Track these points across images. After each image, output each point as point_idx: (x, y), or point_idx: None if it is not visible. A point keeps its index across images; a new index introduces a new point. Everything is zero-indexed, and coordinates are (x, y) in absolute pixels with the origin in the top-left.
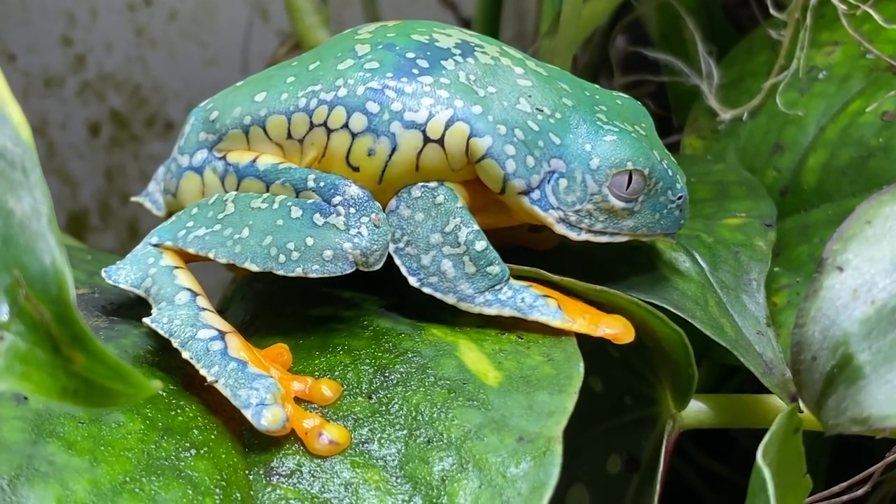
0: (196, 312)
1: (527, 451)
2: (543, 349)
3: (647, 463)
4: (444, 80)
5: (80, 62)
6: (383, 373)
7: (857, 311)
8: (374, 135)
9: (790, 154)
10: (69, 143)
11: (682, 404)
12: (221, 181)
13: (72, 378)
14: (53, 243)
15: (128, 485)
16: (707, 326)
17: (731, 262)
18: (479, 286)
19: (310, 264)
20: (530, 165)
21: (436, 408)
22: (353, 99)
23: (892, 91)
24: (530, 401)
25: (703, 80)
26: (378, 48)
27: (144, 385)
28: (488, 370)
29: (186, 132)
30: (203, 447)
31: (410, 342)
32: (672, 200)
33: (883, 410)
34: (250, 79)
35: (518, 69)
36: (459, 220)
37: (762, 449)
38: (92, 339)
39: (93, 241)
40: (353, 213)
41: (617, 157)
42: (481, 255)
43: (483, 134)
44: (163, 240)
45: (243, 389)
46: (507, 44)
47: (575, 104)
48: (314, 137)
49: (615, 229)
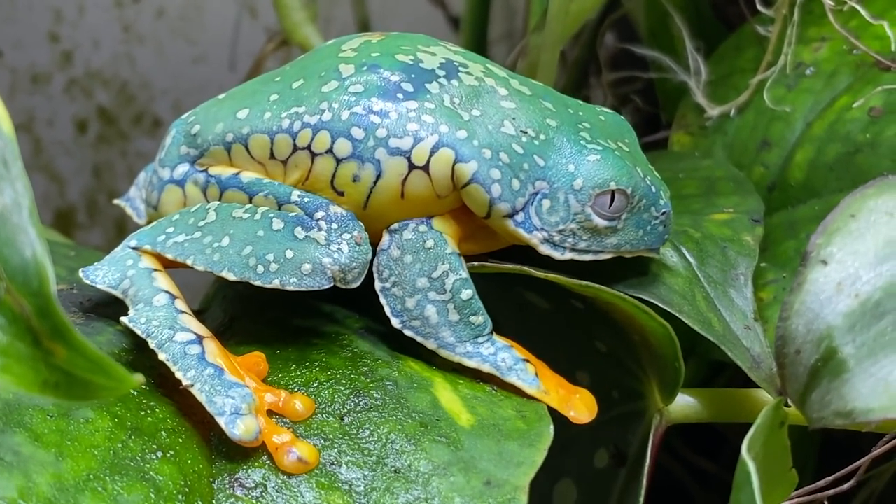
0: (174, 314)
1: (493, 495)
2: (516, 404)
3: (634, 457)
4: (428, 104)
5: (67, 59)
6: (358, 396)
7: (841, 305)
8: (359, 161)
9: (777, 150)
10: (56, 140)
11: (670, 398)
12: (203, 192)
13: (53, 371)
14: (34, 236)
15: (91, 482)
16: (695, 321)
17: (718, 256)
18: (461, 335)
19: (287, 277)
20: (515, 188)
21: (406, 439)
22: (337, 124)
23: (879, 87)
24: (500, 448)
25: (691, 77)
26: (362, 70)
27: (126, 378)
28: (461, 412)
29: (167, 145)
30: (170, 450)
31: (387, 370)
32: (655, 216)
33: (867, 404)
34: (233, 91)
35: (502, 90)
36: (448, 267)
37: (747, 442)
38: (73, 331)
39: (80, 239)
40: (334, 229)
41: (600, 178)
42: (466, 303)
43: (468, 159)
44: (142, 243)
45: (219, 396)
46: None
47: (559, 124)
48: (298, 160)
49: (599, 247)
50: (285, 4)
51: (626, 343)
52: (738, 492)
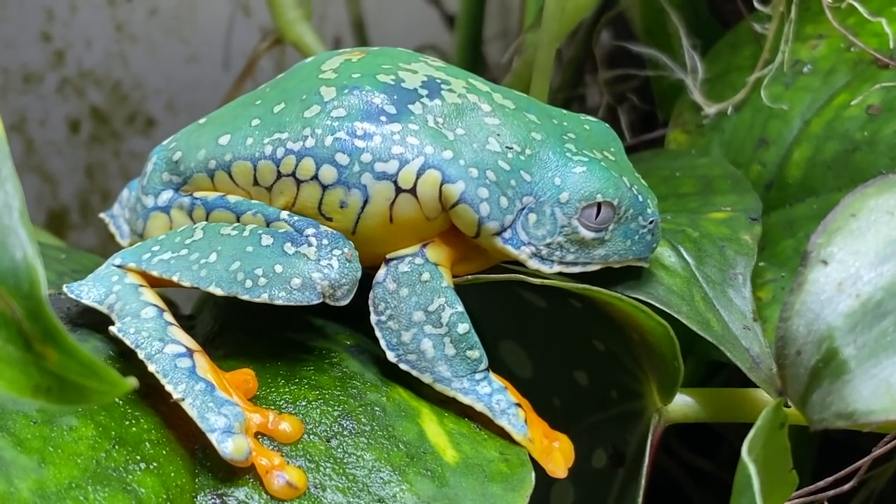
0: (163, 326)
1: None
2: (498, 446)
3: (632, 457)
4: (412, 125)
5: (59, 58)
6: (346, 419)
7: (842, 305)
8: (345, 187)
9: (775, 148)
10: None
11: (668, 398)
12: (189, 215)
13: (44, 375)
14: (25, 238)
15: (73, 491)
16: (693, 322)
17: (716, 256)
18: (457, 370)
19: (276, 291)
20: (504, 206)
21: (392, 469)
22: (321, 150)
23: (878, 84)
24: (484, 489)
25: (688, 75)
26: (344, 93)
27: (119, 382)
28: (447, 447)
29: (149, 171)
30: (153, 462)
31: (376, 394)
32: (643, 225)
33: (868, 405)
34: (213, 115)
35: (485, 106)
36: (444, 301)
37: (747, 444)
38: (65, 335)
39: (73, 240)
40: (325, 245)
41: (586, 191)
42: (463, 337)
43: (455, 179)
44: (126, 261)
45: (211, 413)
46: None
47: (544, 137)
48: (283, 187)
49: (587, 259)
50: (279, 3)
51: (624, 342)
52: (739, 495)
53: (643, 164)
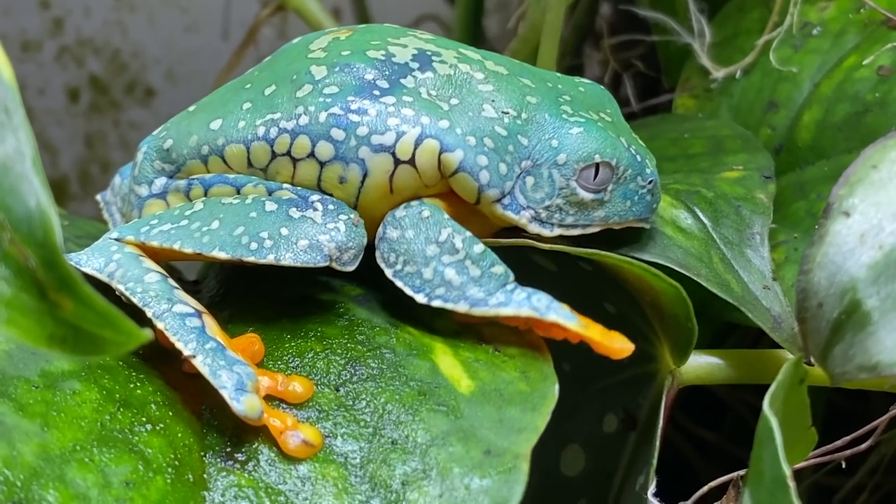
0: (169, 289)
1: (493, 465)
2: (519, 365)
3: (644, 421)
4: (406, 98)
5: (57, 26)
6: (354, 365)
7: (865, 257)
8: (343, 162)
9: (785, 111)
10: (48, 108)
11: (682, 359)
12: (187, 195)
13: (59, 325)
14: (38, 185)
15: (77, 453)
16: (713, 284)
17: (732, 216)
18: (488, 288)
19: (282, 252)
20: (503, 172)
21: (404, 409)
22: (316, 127)
23: (888, 45)
24: (501, 415)
25: (696, 39)
26: (335, 71)
27: (135, 332)
28: (461, 377)
29: (139, 161)
30: (159, 423)
31: (385, 337)
32: (642, 186)
33: (892, 357)
34: (203, 102)
35: (478, 74)
36: (451, 230)
37: (768, 398)
38: (80, 283)
39: (73, 209)
40: (331, 210)
41: (584, 151)
42: (482, 256)
43: (454, 148)
44: (124, 235)
45: (223, 371)
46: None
47: (539, 100)
48: (279, 167)
49: (587, 221)
50: None
51: (636, 305)
52: (760, 448)
53: (650, 128)
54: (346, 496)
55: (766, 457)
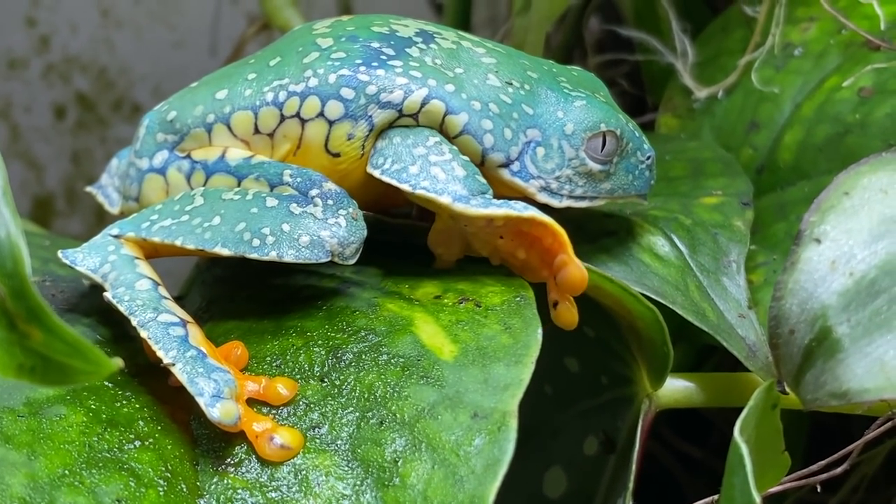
0: (158, 298)
1: (481, 427)
2: (501, 317)
3: (623, 444)
4: (413, 63)
5: (44, 43)
6: (336, 354)
7: (836, 284)
8: (352, 120)
9: (766, 132)
10: (34, 126)
11: (659, 383)
12: (187, 179)
13: (29, 355)
14: (8, 216)
15: (67, 478)
16: (689, 312)
17: (710, 244)
18: (472, 188)
19: (285, 248)
20: (508, 138)
21: (389, 387)
22: (325, 88)
23: (869, 66)
24: (486, 374)
25: (678, 59)
26: (341, 40)
27: (104, 362)
28: (444, 344)
29: (142, 135)
30: (148, 438)
31: (365, 319)
32: (642, 161)
33: (862, 384)
34: (206, 79)
35: (479, 49)
36: (438, 139)
37: (739, 424)
38: (49, 314)
39: (59, 227)
40: (330, 205)
41: (590, 121)
42: (468, 163)
43: (459, 111)
44: (124, 231)
45: (200, 378)
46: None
47: (539, 76)
48: (286, 130)
49: (594, 193)
50: None
51: (613, 328)
52: (731, 475)
53: None
54: (340, 482)
55: (736, 483)
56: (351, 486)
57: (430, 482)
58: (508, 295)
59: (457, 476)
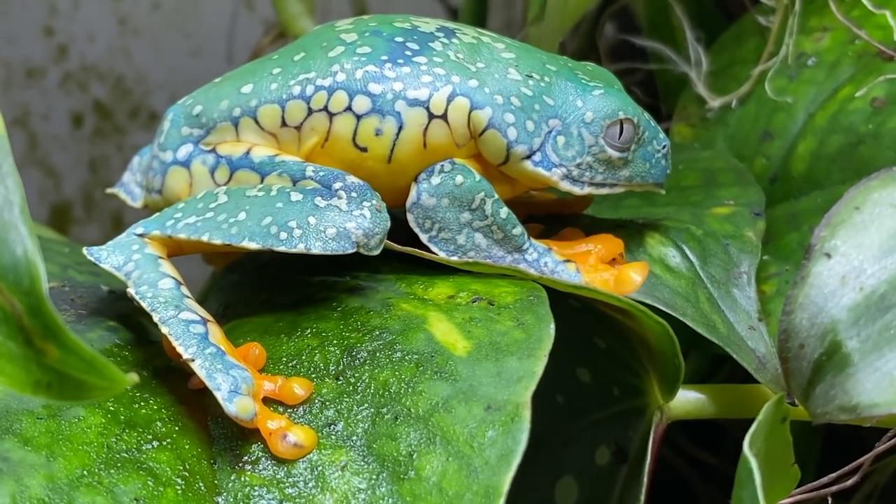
0: (180, 297)
1: (494, 419)
2: (514, 314)
3: (634, 454)
4: (437, 58)
5: (62, 52)
6: (351, 352)
7: (846, 298)
8: (380, 115)
9: (779, 141)
10: (52, 134)
11: (670, 395)
12: (211, 174)
13: (45, 371)
14: (26, 233)
15: (85, 478)
16: (698, 324)
17: (720, 255)
18: (507, 248)
19: (312, 241)
20: (530, 130)
21: (403, 383)
22: (353, 83)
23: (882, 77)
24: (499, 367)
25: (692, 68)
26: (365, 35)
27: (119, 378)
28: (457, 340)
29: (166, 129)
30: (166, 439)
31: (379, 319)
32: (658, 150)
33: (871, 398)
34: (229, 74)
35: (498, 45)
36: (483, 194)
37: (749, 439)
38: (65, 331)
39: (76, 234)
40: (354, 197)
41: (608, 109)
42: (506, 220)
43: (483, 105)
44: (149, 230)
45: (219, 374)
46: (495, 30)
47: (557, 69)
48: (314, 123)
49: (614, 180)
50: None
51: (624, 340)
52: (741, 488)
53: None
54: (356, 477)
55: (746, 497)
56: (367, 481)
57: (444, 474)
58: (522, 294)
59: (471, 467)
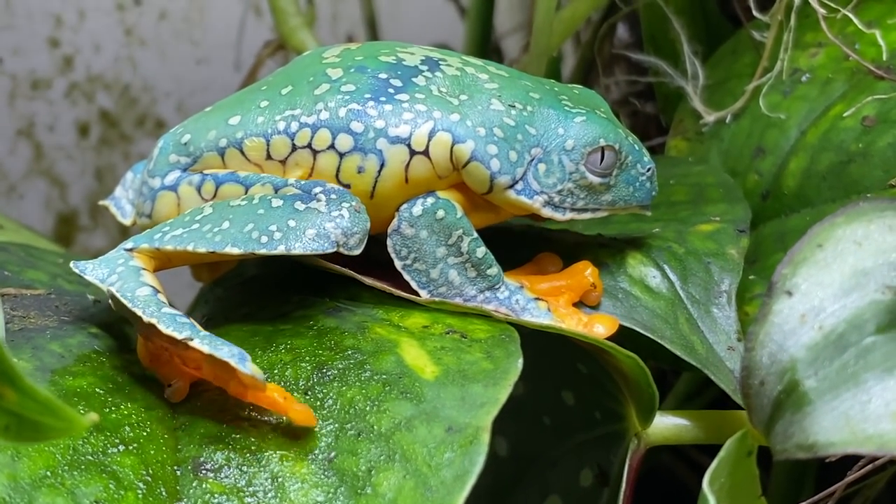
0: (158, 303)
1: (454, 440)
2: (485, 347)
3: (615, 478)
4: (419, 94)
5: (67, 63)
6: (321, 369)
7: (805, 337)
8: (362, 153)
9: (772, 158)
10: (57, 144)
11: (647, 422)
12: (198, 190)
13: (2, 414)
14: None
15: (48, 479)
16: (677, 346)
17: (701, 274)
18: (480, 286)
19: (292, 242)
20: (513, 160)
21: (369, 401)
22: (336, 121)
23: (873, 95)
24: (464, 393)
25: (688, 82)
26: (350, 71)
27: (76, 419)
28: (426, 365)
29: (155, 156)
30: (132, 444)
31: (353, 340)
32: (642, 173)
33: (828, 437)
34: (219, 104)
35: (482, 75)
36: (461, 231)
37: (709, 475)
38: (21, 376)
39: (82, 242)
40: (333, 199)
41: (589, 136)
42: (482, 260)
43: (465, 139)
44: (138, 244)
45: (224, 346)
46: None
47: (541, 96)
48: (298, 158)
49: (595, 205)
50: (281, 10)
51: (602, 367)
52: None
53: None
54: (315, 489)
55: None
56: (325, 494)
57: (401, 491)
58: (494, 332)
59: (427, 486)
